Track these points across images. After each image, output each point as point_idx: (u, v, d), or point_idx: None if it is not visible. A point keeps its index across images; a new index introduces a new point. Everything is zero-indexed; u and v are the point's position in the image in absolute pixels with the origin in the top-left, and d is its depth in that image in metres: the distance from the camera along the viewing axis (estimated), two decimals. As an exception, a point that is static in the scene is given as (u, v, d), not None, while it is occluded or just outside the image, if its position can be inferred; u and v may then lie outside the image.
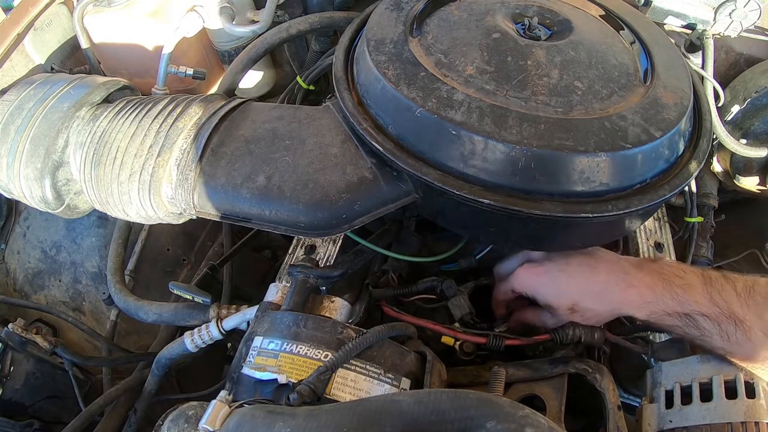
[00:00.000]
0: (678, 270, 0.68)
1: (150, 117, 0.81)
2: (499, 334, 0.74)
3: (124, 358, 1.04)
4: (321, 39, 1.16)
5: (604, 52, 0.75)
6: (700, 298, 0.64)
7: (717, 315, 0.63)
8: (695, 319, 0.65)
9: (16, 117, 0.85)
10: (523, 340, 0.74)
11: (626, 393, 0.82)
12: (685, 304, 0.65)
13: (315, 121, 0.78)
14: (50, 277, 1.17)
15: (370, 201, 0.70)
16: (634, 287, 0.68)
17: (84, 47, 1.09)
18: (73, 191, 0.90)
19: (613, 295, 0.69)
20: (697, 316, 0.65)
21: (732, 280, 0.64)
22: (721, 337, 0.63)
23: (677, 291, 0.66)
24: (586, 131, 0.64)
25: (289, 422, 0.48)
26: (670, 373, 0.69)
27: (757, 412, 0.61)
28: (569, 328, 0.73)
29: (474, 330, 0.76)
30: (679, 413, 0.66)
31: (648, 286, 0.67)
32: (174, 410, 0.56)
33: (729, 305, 0.63)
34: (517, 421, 0.45)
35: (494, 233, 0.71)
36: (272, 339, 0.63)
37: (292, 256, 0.90)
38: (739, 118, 1.03)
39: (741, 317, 0.62)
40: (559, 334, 0.73)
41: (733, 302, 0.63)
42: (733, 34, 0.96)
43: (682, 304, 0.65)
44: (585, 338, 0.72)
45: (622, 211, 0.64)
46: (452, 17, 0.79)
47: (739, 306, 0.62)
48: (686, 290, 0.65)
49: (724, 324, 0.63)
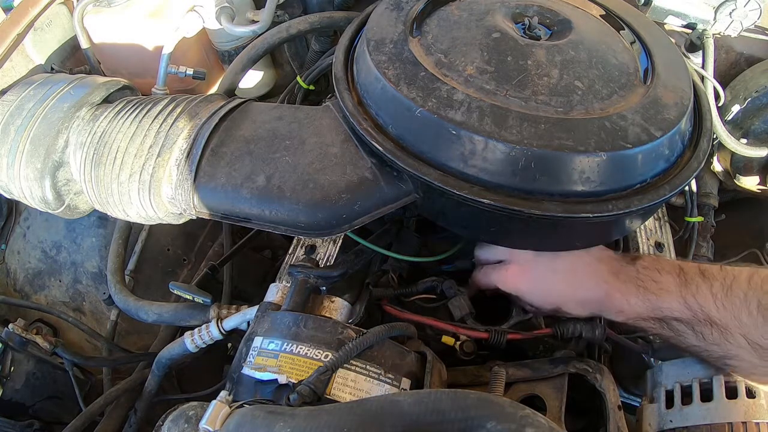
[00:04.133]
0: (654, 272, 0.67)
1: (150, 117, 0.81)
2: (501, 330, 0.75)
3: (125, 358, 1.04)
4: (321, 39, 1.16)
5: (605, 52, 0.75)
6: (674, 303, 0.64)
7: (690, 318, 0.63)
8: (669, 323, 0.65)
9: (16, 117, 0.85)
10: (524, 335, 0.75)
11: (626, 393, 0.82)
12: (658, 311, 0.65)
13: (315, 121, 0.78)
14: (50, 277, 1.17)
15: (370, 201, 0.70)
16: (609, 296, 0.69)
17: (84, 47, 1.09)
18: (73, 191, 0.90)
19: (593, 303, 0.71)
20: (671, 321, 0.65)
21: (710, 279, 0.63)
22: (696, 337, 0.63)
23: (651, 298, 0.66)
24: (587, 131, 0.64)
25: (289, 422, 0.48)
26: (670, 373, 0.70)
27: (757, 412, 0.61)
28: (570, 323, 0.73)
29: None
30: (680, 413, 0.66)
31: (623, 293, 0.68)
32: (174, 410, 0.56)
33: (704, 309, 0.62)
34: (517, 421, 0.45)
35: (494, 233, 0.71)
36: (272, 339, 0.63)
37: (292, 256, 0.90)
38: (739, 117, 1.03)
39: (716, 320, 0.61)
40: (561, 329, 0.74)
41: (708, 305, 0.62)
42: (734, 34, 0.96)
43: (655, 310, 0.66)
44: (586, 333, 0.73)
45: (622, 211, 0.64)
46: (452, 17, 0.79)
47: (715, 309, 0.61)
48: (660, 296, 0.65)
49: (698, 326, 0.63)
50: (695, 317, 0.62)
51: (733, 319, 0.60)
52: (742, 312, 0.60)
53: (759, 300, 0.59)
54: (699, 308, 0.62)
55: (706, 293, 0.62)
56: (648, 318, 0.67)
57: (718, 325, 0.61)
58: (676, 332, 0.65)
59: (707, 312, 0.62)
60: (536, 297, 0.74)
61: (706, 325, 0.62)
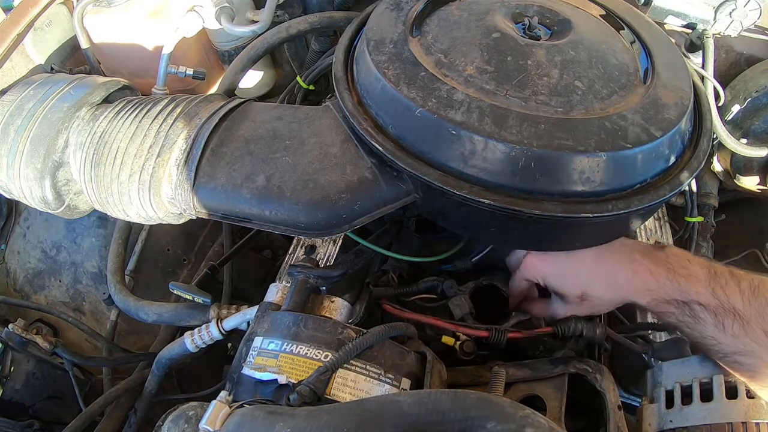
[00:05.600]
0: (684, 260, 0.68)
1: (150, 117, 0.81)
2: (501, 328, 0.75)
3: (124, 358, 1.04)
4: (321, 39, 1.16)
5: (605, 52, 0.75)
6: (702, 289, 0.64)
7: (716, 306, 0.63)
8: (692, 307, 0.65)
9: (16, 117, 0.85)
10: (525, 333, 0.75)
11: (626, 393, 0.82)
12: (686, 294, 0.65)
13: (315, 121, 0.78)
14: (50, 277, 1.17)
15: (370, 201, 0.70)
16: (638, 274, 0.68)
17: (84, 47, 1.09)
18: (73, 191, 0.90)
19: (620, 282, 0.70)
20: (695, 305, 0.65)
21: (738, 277, 0.64)
22: (716, 327, 0.63)
23: (680, 280, 0.66)
24: (587, 131, 0.64)
25: (289, 423, 0.48)
26: (670, 373, 0.69)
27: (757, 412, 0.61)
28: (571, 322, 0.73)
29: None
30: (680, 413, 0.66)
31: (652, 273, 0.68)
32: (174, 410, 0.56)
33: (730, 300, 0.63)
34: (517, 421, 0.45)
35: (494, 233, 0.71)
36: (272, 339, 0.63)
37: (292, 256, 0.90)
38: (739, 117, 1.03)
39: (741, 312, 0.62)
40: (562, 327, 0.74)
41: (735, 298, 0.62)
42: (734, 34, 0.96)
43: (683, 293, 0.66)
44: (587, 332, 0.73)
45: (622, 211, 0.64)
46: (452, 17, 0.79)
47: (741, 302, 0.62)
48: (689, 280, 0.65)
49: (721, 315, 0.63)
50: (720, 305, 0.63)
51: (757, 315, 0.61)
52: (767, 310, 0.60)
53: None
54: (726, 299, 0.63)
55: (734, 288, 0.63)
56: (672, 300, 0.66)
57: (741, 317, 0.61)
58: (696, 318, 0.65)
59: (733, 303, 0.62)
60: (562, 281, 0.74)
61: (729, 315, 0.62)
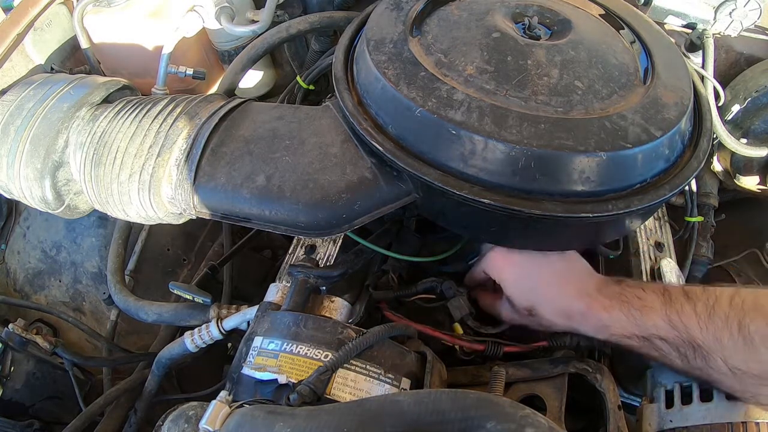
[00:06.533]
0: (638, 290, 0.66)
1: (150, 117, 0.81)
2: (498, 341, 0.74)
3: (124, 358, 1.04)
4: (321, 39, 1.16)
5: (605, 52, 0.75)
6: (658, 320, 0.63)
7: (675, 338, 0.62)
8: (654, 342, 0.64)
9: (16, 117, 0.85)
10: (521, 347, 0.74)
11: (626, 393, 0.82)
12: (644, 328, 0.64)
13: (315, 120, 0.78)
14: (50, 277, 1.17)
15: (370, 201, 0.70)
16: (592, 310, 0.67)
17: (84, 47, 1.09)
18: (73, 191, 0.90)
19: (572, 314, 0.69)
20: (655, 340, 0.63)
21: (693, 300, 0.62)
22: (681, 360, 0.62)
23: (635, 314, 0.64)
24: (587, 131, 0.64)
25: (289, 422, 0.48)
26: (670, 373, 0.69)
27: (757, 412, 0.61)
28: (567, 336, 0.73)
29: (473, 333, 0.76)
30: (680, 413, 0.66)
31: (606, 308, 0.66)
32: (174, 410, 0.56)
33: (688, 329, 0.61)
34: (517, 421, 0.45)
35: (494, 233, 0.71)
36: (272, 339, 0.63)
37: (292, 256, 0.89)
38: (739, 117, 1.03)
39: (700, 342, 0.60)
40: (557, 342, 0.73)
41: (692, 325, 0.61)
42: (734, 34, 0.96)
43: (641, 327, 0.64)
44: (583, 343, 0.72)
45: (622, 211, 0.64)
46: (452, 17, 0.79)
47: (698, 330, 0.60)
48: (644, 312, 0.64)
49: (683, 347, 0.62)
50: (679, 337, 0.61)
51: (715, 341, 0.59)
52: (724, 333, 0.59)
53: (740, 320, 0.58)
54: (683, 328, 0.61)
55: (690, 313, 0.61)
56: (632, 335, 0.65)
57: (701, 348, 0.60)
58: (660, 353, 0.64)
59: (691, 333, 0.61)
60: (516, 290, 0.72)
61: (689, 347, 0.61)
